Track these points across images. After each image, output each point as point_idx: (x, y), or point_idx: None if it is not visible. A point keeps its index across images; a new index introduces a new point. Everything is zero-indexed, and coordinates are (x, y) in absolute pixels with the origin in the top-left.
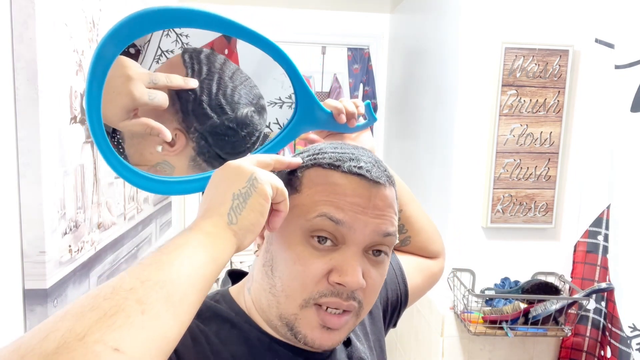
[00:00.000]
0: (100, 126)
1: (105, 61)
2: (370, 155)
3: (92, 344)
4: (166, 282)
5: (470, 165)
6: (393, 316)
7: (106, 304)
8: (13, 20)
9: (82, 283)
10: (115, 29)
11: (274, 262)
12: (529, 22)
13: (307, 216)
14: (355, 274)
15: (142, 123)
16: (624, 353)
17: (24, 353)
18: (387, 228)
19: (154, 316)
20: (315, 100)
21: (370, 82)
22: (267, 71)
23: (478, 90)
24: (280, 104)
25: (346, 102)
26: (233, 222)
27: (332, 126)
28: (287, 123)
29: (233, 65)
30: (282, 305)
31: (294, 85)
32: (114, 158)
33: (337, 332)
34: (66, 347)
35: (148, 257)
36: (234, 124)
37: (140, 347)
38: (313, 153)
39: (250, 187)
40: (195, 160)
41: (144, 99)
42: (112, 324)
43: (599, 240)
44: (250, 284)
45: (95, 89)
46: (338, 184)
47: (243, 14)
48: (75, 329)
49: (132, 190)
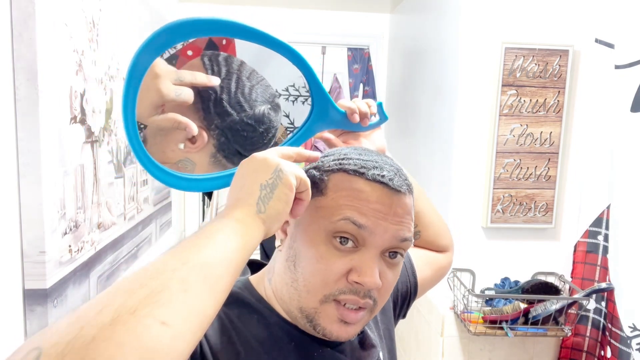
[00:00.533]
0: (135, 129)
1: (140, 69)
2: (392, 163)
3: (142, 318)
4: (204, 265)
5: (470, 165)
6: (403, 307)
7: (153, 283)
8: (13, 20)
9: (82, 283)
10: (150, 39)
11: (297, 258)
12: (529, 22)
13: (331, 218)
14: (373, 275)
15: (170, 118)
16: (624, 353)
17: (83, 324)
18: (405, 234)
19: (194, 294)
20: (331, 101)
21: (370, 82)
22: (265, 60)
23: (478, 90)
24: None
25: (359, 102)
26: (261, 211)
27: (346, 125)
28: (303, 123)
29: (249, 67)
30: (303, 299)
31: (311, 87)
32: (147, 159)
33: (354, 325)
34: (120, 320)
35: (186, 240)
36: (252, 121)
37: (183, 321)
38: (338, 158)
39: (276, 178)
40: (215, 157)
41: (171, 95)
42: (158, 300)
43: (599, 240)
44: (271, 275)
45: (131, 95)
46: (362, 191)
47: (243, 14)
48: (127, 303)
49: (132, 190)
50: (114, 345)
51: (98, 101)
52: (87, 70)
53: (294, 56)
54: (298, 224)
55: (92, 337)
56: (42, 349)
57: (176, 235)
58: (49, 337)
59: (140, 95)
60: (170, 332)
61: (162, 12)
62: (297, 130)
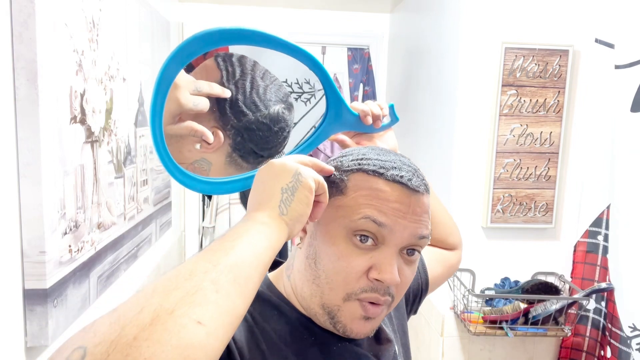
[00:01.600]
0: (162, 138)
1: (168, 78)
2: (410, 163)
3: (179, 318)
4: (233, 266)
5: (470, 165)
6: (414, 303)
7: (187, 284)
8: (13, 20)
9: (82, 283)
10: (178, 49)
11: (317, 255)
12: (529, 22)
13: (352, 217)
14: (393, 272)
15: (187, 126)
16: (624, 353)
17: (124, 324)
18: (423, 231)
19: (225, 295)
20: (345, 104)
21: (370, 82)
22: (257, 56)
23: (478, 90)
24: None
25: (372, 105)
26: (284, 213)
27: (359, 127)
28: (318, 125)
29: (262, 67)
30: (325, 295)
31: (326, 91)
32: (174, 167)
33: (374, 320)
34: (159, 320)
35: (215, 243)
36: (267, 120)
37: (216, 320)
38: (357, 158)
39: (296, 181)
40: (231, 157)
41: (189, 105)
42: (193, 301)
43: (599, 240)
44: (290, 271)
45: (159, 104)
46: (382, 190)
47: (244, 14)
48: (164, 304)
49: (132, 190)
50: (155, 343)
51: (98, 101)
52: (87, 70)
53: (313, 63)
54: (318, 223)
55: (134, 336)
56: (86, 348)
57: (176, 235)
58: (91, 336)
59: None
60: (204, 330)
61: (162, 12)
62: (312, 132)
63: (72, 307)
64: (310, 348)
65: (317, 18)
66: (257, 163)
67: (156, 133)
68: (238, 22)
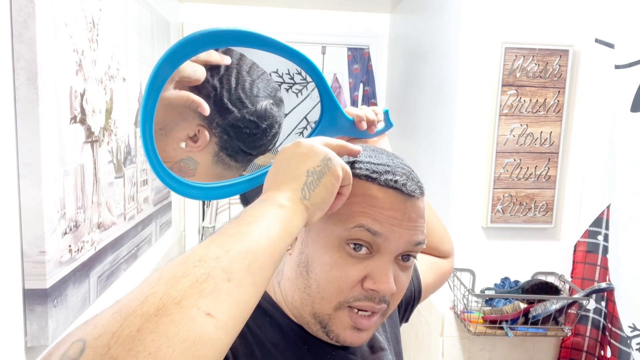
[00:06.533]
0: (152, 140)
1: (160, 80)
2: (403, 164)
3: (187, 308)
4: (247, 253)
5: (470, 165)
6: (406, 311)
7: (196, 271)
8: (13, 20)
9: (82, 283)
10: (172, 50)
11: (309, 264)
12: (529, 22)
13: (345, 225)
14: (389, 282)
15: (183, 95)
16: (624, 353)
17: (126, 314)
18: (419, 237)
19: (238, 284)
20: (340, 109)
21: (370, 82)
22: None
23: (478, 90)
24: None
25: (366, 110)
26: (306, 198)
27: (353, 132)
28: (312, 130)
29: (249, 60)
30: (317, 305)
31: (322, 95)
32: (163, 171)
33: (366, 332)
34: (165, 310)
35: (227, 227)
36: (254, 117)
37: (227, 312)
38: (348, 162)
39: (325, 166)
40: (218, 156)
41: (188, 71)
42: (203, 290)
43: (599, 240)
44: (280, 277)
45: (151, 106)
46: (375, 197)
47: (244, 14)
48: (171, 293)
49: (132, 190)
50: (160, 336)
51: (98, 101)
52: (87, 70)
53: (309, 66)
54: (309, 230)
55: (138, 328)
56: (85, 341)
57: (176, 235)
58: (91, 328)
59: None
60: (214, 322)
61: (162, 12)
62: (307, 137)
63: (72, 307)
64: (304, 356)
65: (317, 18)
66: (246, 162)
67: (146, 137)
68: (234, 23)
